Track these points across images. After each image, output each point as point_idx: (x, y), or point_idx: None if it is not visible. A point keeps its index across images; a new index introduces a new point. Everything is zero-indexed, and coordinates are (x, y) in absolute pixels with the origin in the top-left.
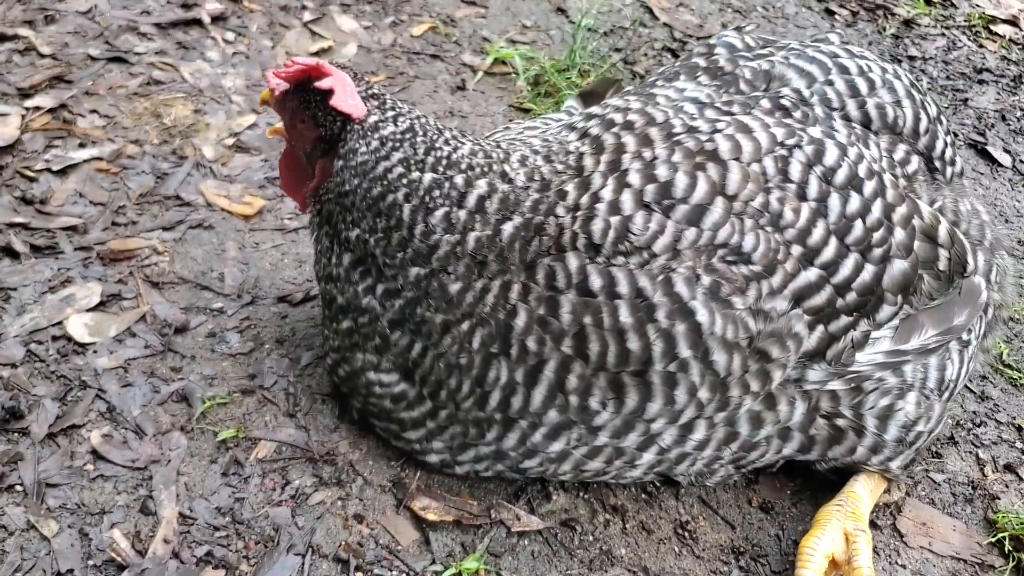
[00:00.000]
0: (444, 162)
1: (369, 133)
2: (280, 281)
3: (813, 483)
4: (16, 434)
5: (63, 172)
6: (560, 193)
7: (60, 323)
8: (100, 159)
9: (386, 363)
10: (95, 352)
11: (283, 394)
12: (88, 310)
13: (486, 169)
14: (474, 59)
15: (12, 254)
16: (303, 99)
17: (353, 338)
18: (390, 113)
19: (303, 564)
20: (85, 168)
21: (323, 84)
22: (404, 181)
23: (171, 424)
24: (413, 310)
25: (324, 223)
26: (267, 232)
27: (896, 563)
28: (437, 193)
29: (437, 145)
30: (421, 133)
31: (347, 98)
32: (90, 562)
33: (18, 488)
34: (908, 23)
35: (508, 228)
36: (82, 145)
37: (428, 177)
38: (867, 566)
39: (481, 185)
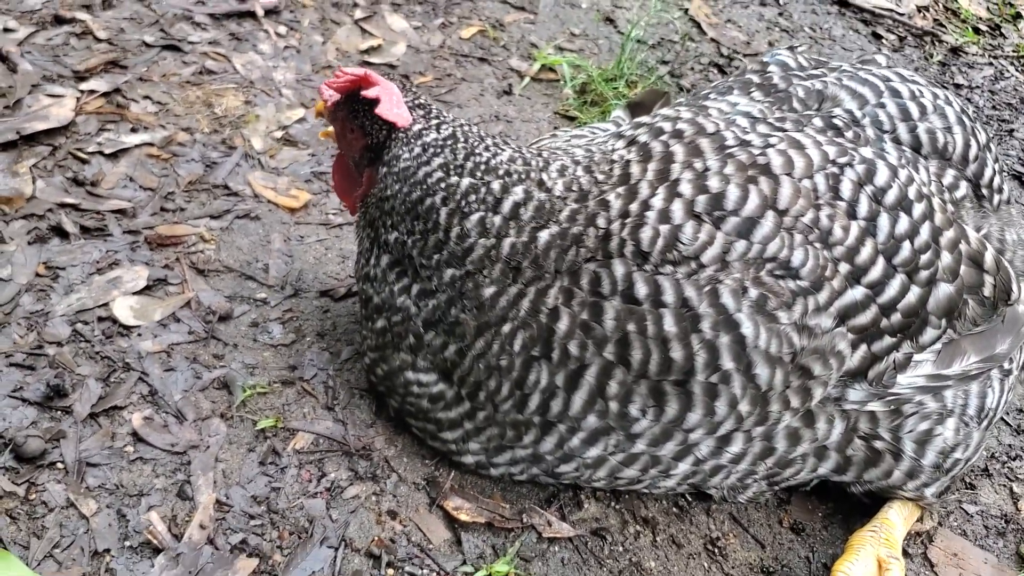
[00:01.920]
0: (483, 167)
1: (412, 140)
2: (323, 275)
3: (845, 507)
4: (59, 412)
5: (114, 156)
6: (602, 203)
7: (106, 305)
8: (151, 144)
9: (424, 362)
10: (139, 335)
11: (322, 387)
12: (134, 293)
13: (523, 176)
14: (521, 64)
15: (62, 234)
16: (352, 109)
17: (386, 337)
18: (434, 121)
19: (335, 557)
20: (136, 153)
21: (369, 93)
22: (442, 185)
23: (211, 411)
24: (447, 311)
25: (367, 226)
26: (312, 226)
27: None
28: (473, 198)
29: (477, 151)
30: (463, 139)
31: (392, 107)
32: (127, 543)
33: (59, 465)
34: (955, 51)
35: (544, 236)
36: (134, 130)
37: (466, 182)
38: None
39: (518, 192)
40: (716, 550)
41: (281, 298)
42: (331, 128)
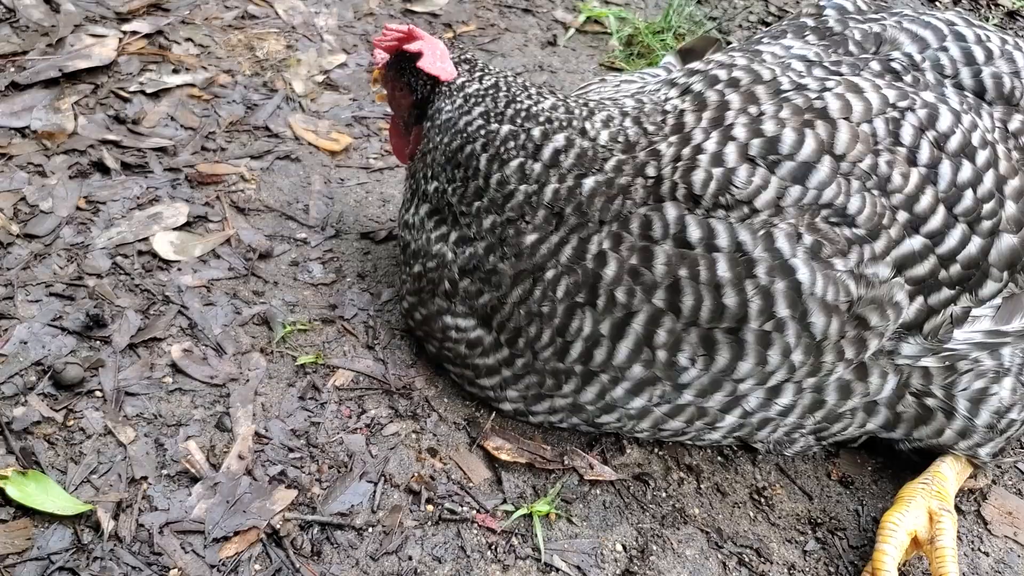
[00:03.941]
0: (523, 114)
1: (455, 93)
2: (364, 218)
3: (896, 462)
4: (98, 342)
5: (156, 95)
6: (652, 153)
7: (146, 239)
8: (193, 86)
9: (462, 307)
10: (179, 270)
11: (362, 327)
12: (174, 229)
13: (565, 124)
14: (566, 16)
15: (103, 169)
16: (399, 67)
17: (422, 282)
18: (477, 74)
19: (375, 492)
20: (178, 93)
21: (412, 47)
22: (482, 132)
23: (251, 345)
24: (485, 258)
25: (409, 178)
26: (352, 169)
27: (979, 550)
28: (512, 144)
29: (518, 99)
30: (504, 88)
31: (435, 61)
32: (164, 471)
33: (98, 394)
34: (1012, 15)
35: (588, 183)
36: (176, 71)
37: (505, 128)
38: (951, 547)
39: (559, 139)
40: (762, 500)
41: (321, 239)
42: (385, 92)
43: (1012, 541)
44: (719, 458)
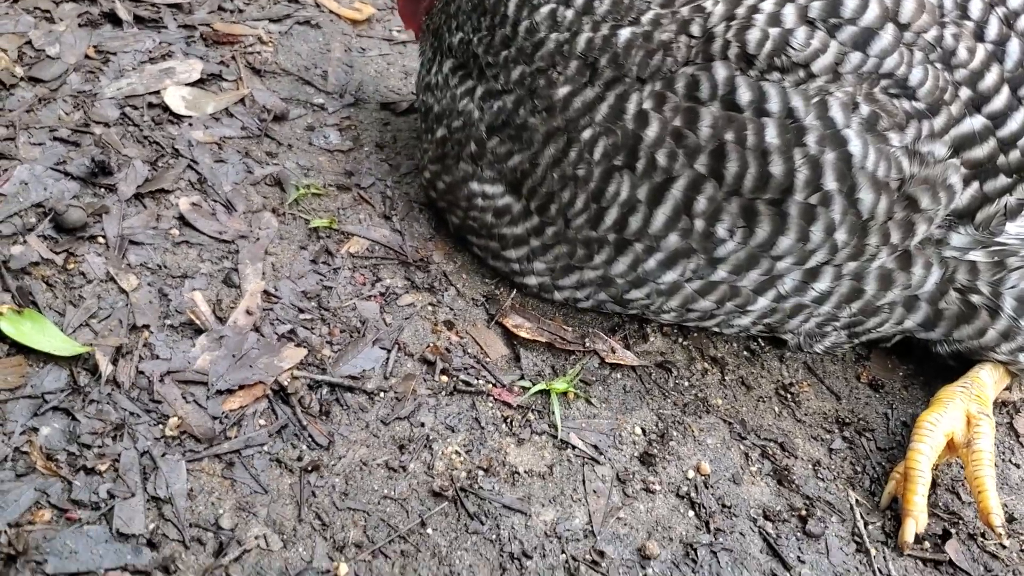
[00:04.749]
0: None
1: None
2: (384, 89)
3: (928, 368)
4: (103, 189)
5: None
6: (696, 9)
7: (157, 92)
8: None
9: (490, 172)
10: (190, 125)
11: (379, 196)
12: (187, 84)
13: None
14: None
15: (115, 21)
16: None
17: (447, 147)
18: None
19: (388, 358)
20: None
21: None
22: None
23: (262, 205)
24: (514, 112)
25: (431, 36)
26: (375, 40)
27: (1010, 462)
28: None
29: None
30: None
31: None
32: (167, 321)
33: (100, 240)
34: None
35: (625, 33)
36: None
37: None
38: (988, 451)
39: None
40: (788, 396)
41: (339, 105)
42: None
43: None
44: (745, 352)
